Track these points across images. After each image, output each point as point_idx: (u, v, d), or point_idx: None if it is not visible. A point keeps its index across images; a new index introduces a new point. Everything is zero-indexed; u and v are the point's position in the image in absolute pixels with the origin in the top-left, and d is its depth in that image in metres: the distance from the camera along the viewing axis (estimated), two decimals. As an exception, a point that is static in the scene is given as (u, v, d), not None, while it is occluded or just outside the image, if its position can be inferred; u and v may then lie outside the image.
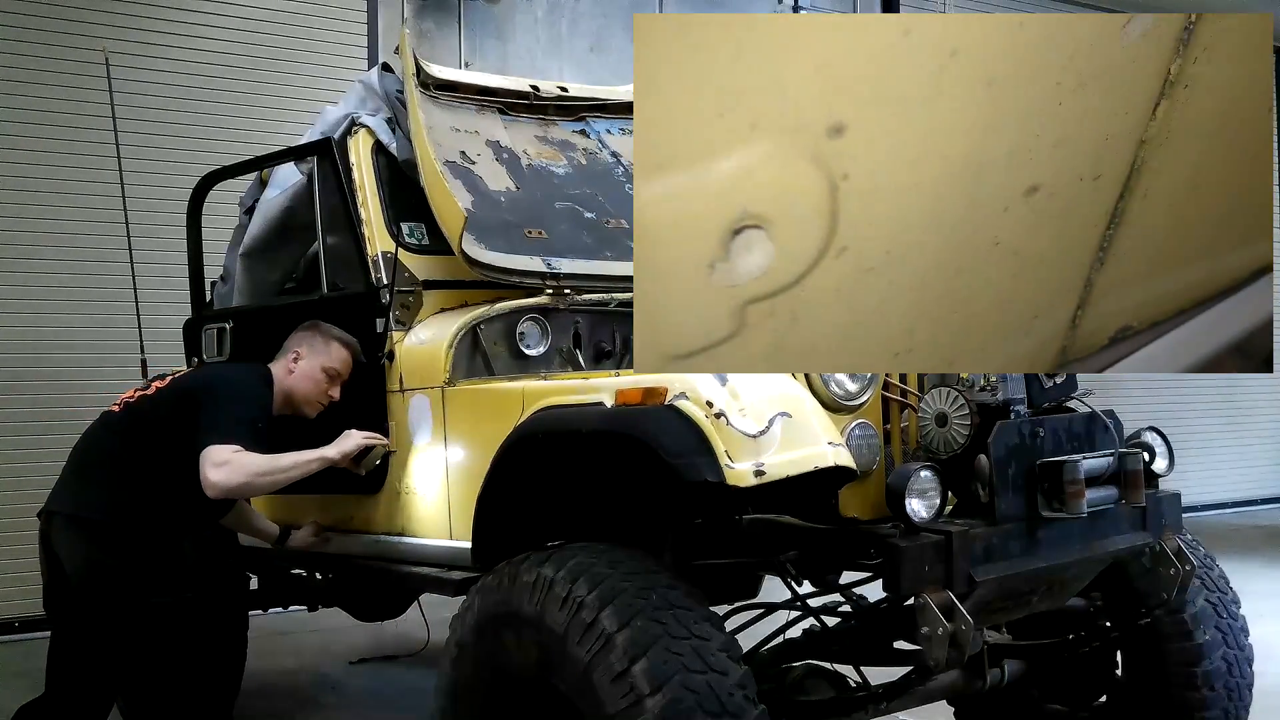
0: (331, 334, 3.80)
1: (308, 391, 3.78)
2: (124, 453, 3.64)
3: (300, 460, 3.57)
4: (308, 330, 3.83)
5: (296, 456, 3.57)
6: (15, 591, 6.83)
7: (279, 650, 6.16)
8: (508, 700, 2.82)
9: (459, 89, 4.29)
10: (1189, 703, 3.39)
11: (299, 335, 3.83)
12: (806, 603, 3.09)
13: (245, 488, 3.55)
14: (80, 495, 3.66)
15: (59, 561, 3.66)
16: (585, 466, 3.06)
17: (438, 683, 2.95)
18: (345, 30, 7.97)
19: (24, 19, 7.03)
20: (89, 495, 3.64)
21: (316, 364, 3.77)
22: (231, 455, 3.45)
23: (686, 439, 2.54)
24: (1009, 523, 2.77)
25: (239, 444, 3.48)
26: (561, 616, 2.54)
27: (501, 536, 3.10)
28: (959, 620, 2.55)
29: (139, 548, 3.57)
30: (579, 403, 2.90)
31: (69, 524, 3.63)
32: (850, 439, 2.70)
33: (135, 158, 6.11)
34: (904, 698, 3.13)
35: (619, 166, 4.43)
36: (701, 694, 2.36)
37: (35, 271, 7.01)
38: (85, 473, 3.71)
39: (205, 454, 3.45)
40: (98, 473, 3.67)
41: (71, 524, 3.63)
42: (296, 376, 3.77)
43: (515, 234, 3.89)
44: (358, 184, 3.90)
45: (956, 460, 2.83)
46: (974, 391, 2.90)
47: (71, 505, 3.65)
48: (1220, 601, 3.47)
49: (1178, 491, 3.26)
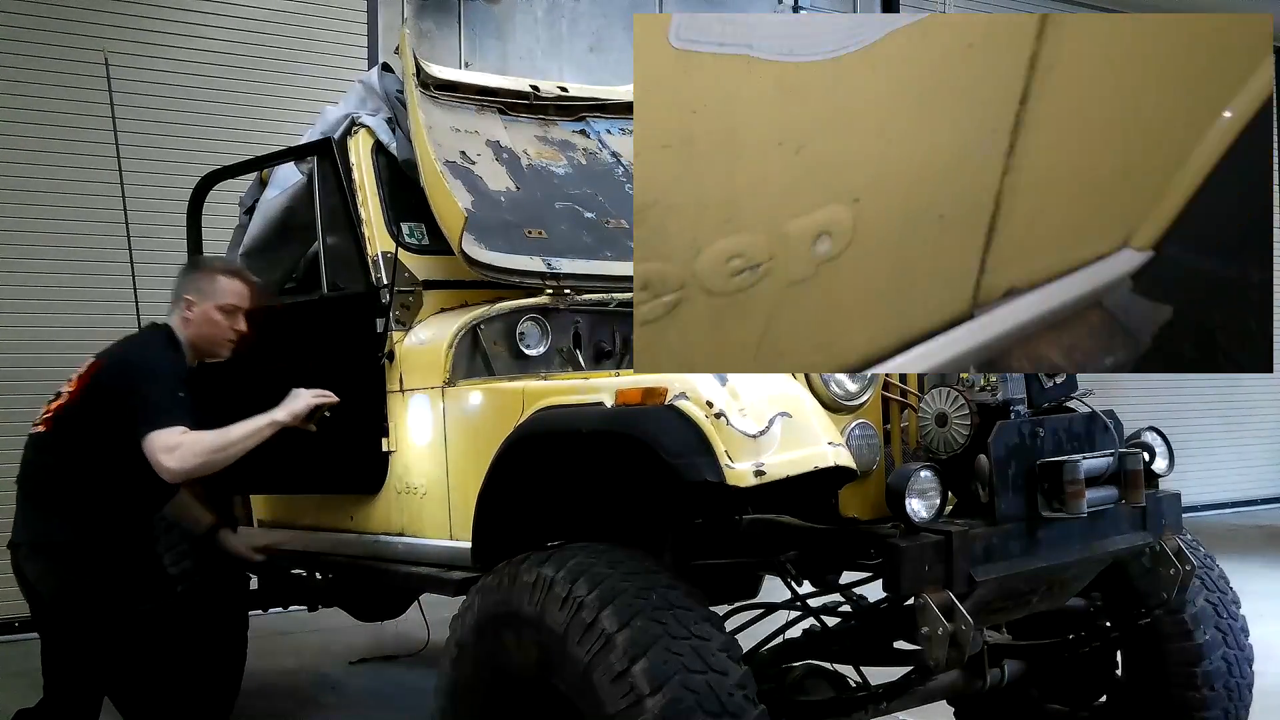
0: (214, 268, 3.80)
1: (212, 335, 3.75)
2: (65, 467, 3.56)
3: (252, 429, 3.53)
4: (191, 274, 3.82)
5: (247, 425, 3.53)
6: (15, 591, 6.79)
7: (279, 650, 6.16)
8: (508, 700, 2.82)
9: (459, 89, 4.29)
10: (1189, 703, 3.39)
11: (184, 281, 3.79)
12: (806, 603, 3.09)
13: (204, 466, 3.49)
14: (37, 523, 3.59)
15: (35, 590, 3.62)
16: (585, 466, 3.06)
17: (438, 683, 2.95)
18: (345, 30, 7.97)
19: (24, 19, 7.03)
20: (46, 520, 3.57)
21: (209, 306, 3.74)
22: (180, 438, 3.41)
23: (686, 439, 2.54)
24: (1009, 523, 2.77)
25: (178, 424, 3.43)
26: (561, 616, 2.54)
27: (501, 536, 3.10)
28: (959, 620, 2.55)
29: (109, 558, 3.52)
30: (579, 403, 2.90)
31: (34, 553, 3.58)
32: (850, 439, 2.70)
33: (135, 158, 6.10)
34: (904, 698, 3.13)
35: (619, 166, 4.43)
36: (701, 694, 2.36)
37: (35, 271, 7.02)
38: (35, 499, 3.62)
39: (150, 443, 3.39)
40: (46, 495, 3.60)
41: (37, 552, 3.58)
42: (195, 325, 3.74)
43: (515, 234, 3.89)
44: (358, 184, 3.90)
45: (956, 460, 2.83)
46: (974, 391, 2.90)
47: (31, 534, 3.58)
48: (1220, 602, 3.47)
49: (1178, 492, 3.26)
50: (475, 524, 3.15)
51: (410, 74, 4.07)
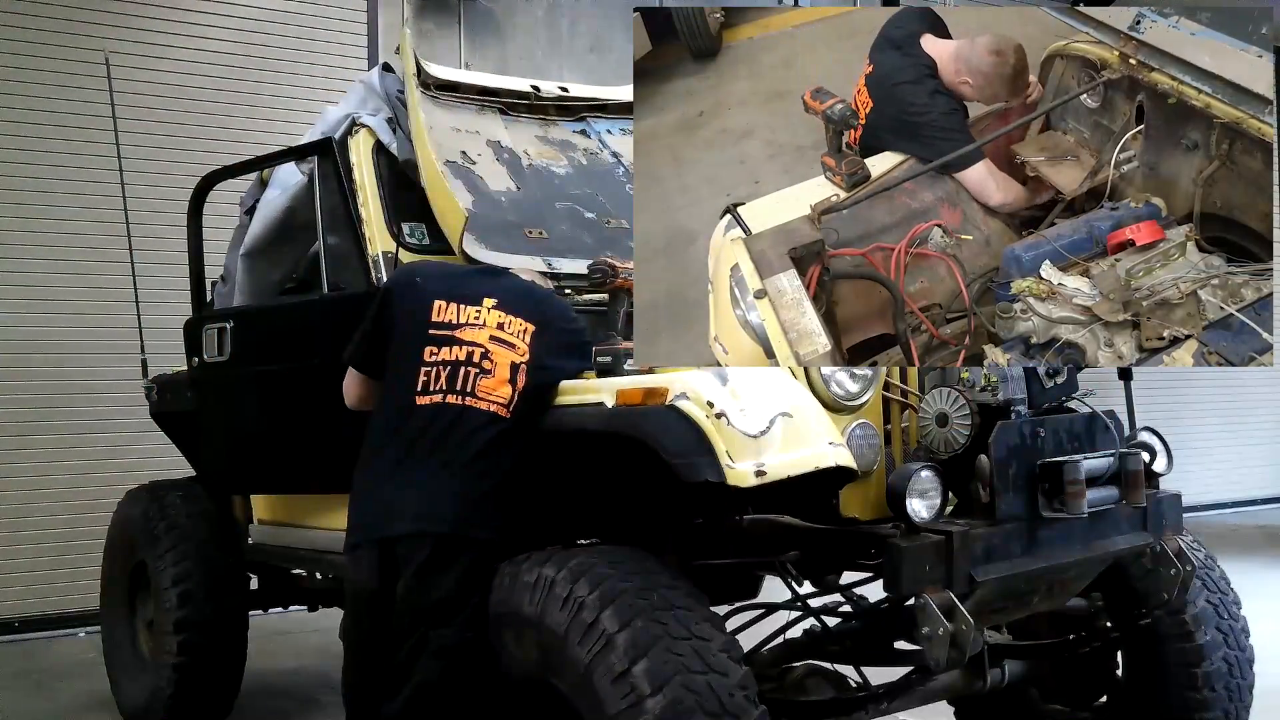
0: None
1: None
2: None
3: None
4: None
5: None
6: (15, 591, 6.84)
7: (279, 650, 6.17)
8: (508, 700, 2.82)
9: (460, 89, 4.29)
10: (1189, 703, 3.39)
11: None
12: (807, 603, 3.09)
13: None
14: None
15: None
16: (586, 466, 3.06)
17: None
18: (345, 30, 7.97)
19: (24, 19, 7.03)
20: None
21: None
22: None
23: (687, 439, 2.54)
24: (1009, 523, 2.77)
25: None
26: (562, 617, 2.54)
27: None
28: (959, 620, 2.55)
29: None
30: (580, 403, 2.90)
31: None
32: (851, 439, 2.70)
33: (135, 158, 6.12)
34: (904, 698, 3.13)
35: (619, 167, 4.43)
36: (702, 694, 2.36)
37: (35, 271, 7.02)
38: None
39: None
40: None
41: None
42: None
43: (516, 234, 3.89)
44: (358, 184, 3.90)
45: (957, 460, 2.83)
46: (974, 392, 2.90)
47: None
48: (1221, 602, 3.47)
49: (1178, 492, 3.26)
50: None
51: (411, 74, 4.07)
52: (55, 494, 6.92)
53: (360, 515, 3.07)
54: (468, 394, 2.98)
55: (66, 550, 6.77)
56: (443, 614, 2.87)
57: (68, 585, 6.76)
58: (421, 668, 2.86)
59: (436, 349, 3.04)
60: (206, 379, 4.54)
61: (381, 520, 2.99)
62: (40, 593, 6.86)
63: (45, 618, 6.85)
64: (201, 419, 4.68)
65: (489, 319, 3.07)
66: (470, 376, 3.00)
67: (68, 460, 6.97)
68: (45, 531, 6.85)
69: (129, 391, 6.00)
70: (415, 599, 2.89)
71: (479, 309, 3.09)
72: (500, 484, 2.97)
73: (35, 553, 6.83)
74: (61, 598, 6.82)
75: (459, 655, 2.86)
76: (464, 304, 3.10)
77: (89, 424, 7.03)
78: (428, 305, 3.10)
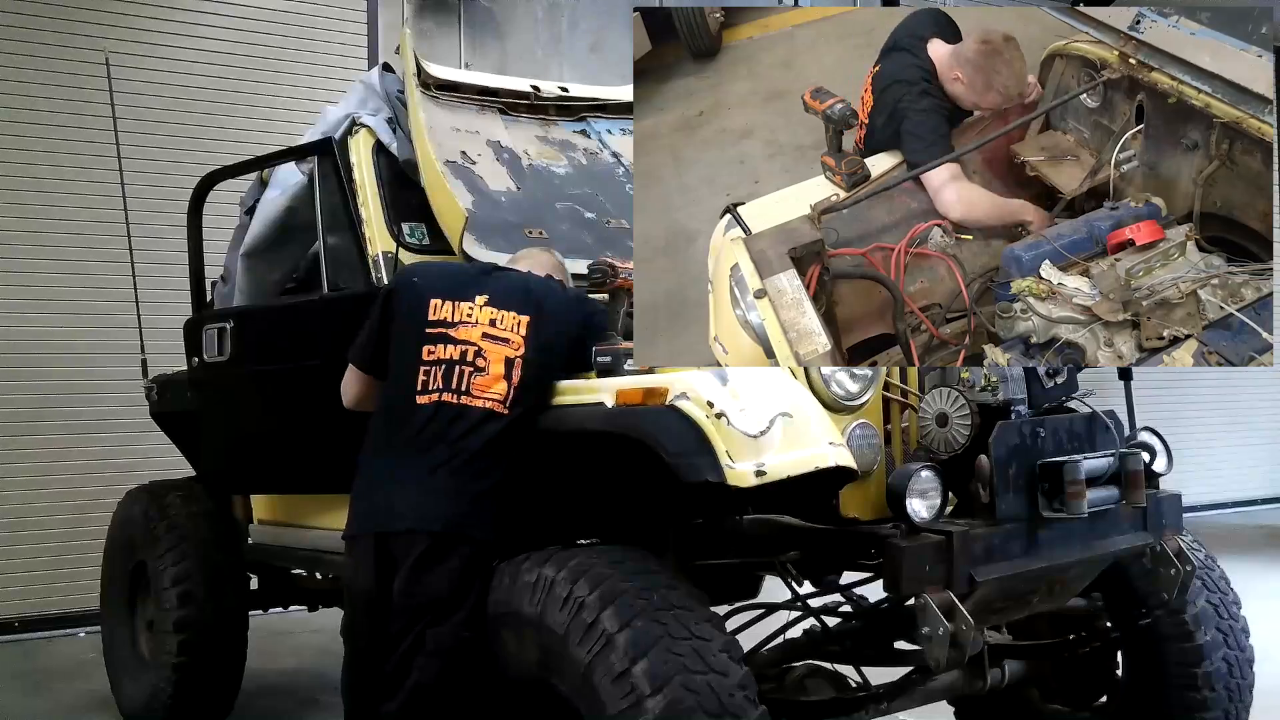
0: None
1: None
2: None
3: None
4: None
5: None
6: (15, 591, 6.84)
7: (279, 650, 6.16)
8: (507, 700, 2.82)
9: (460, 89, 4.29)
10: (1189, 703, 3.39)
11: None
12: (807, 603, 3.09)
13: None
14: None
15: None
16: (586, 466, 3.06)
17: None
18: (345, 30, 7.97)
19: (24, 19, 7.03)
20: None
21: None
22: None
23: (687, 439, 2.53)
24: (1009, 523, 2.77)
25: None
26: (562, 617, 2.54)
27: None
28: (959, 620, 2.55)
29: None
30: (580, 403, 2.90)
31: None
32: (851, 439, 2.70)
33: (135, 158, 6.11)
34: (904, 698, 3.13)
35: (619, 167, 4.43)
36: (702, 694, 2.36)
37: (35, 271, 7.01)
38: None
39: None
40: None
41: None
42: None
43: (516, 234, 3.88)
44: (358, 184, 3.90)
45: (957, 460, 2.83)
46: (974, 392, 2.90)
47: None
48: (1221, 602, 3.47)
49: (1178, 492, 3.26)
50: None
51: (411, 74, 4.07)
52: (55, 494, 6.91)
53: (360, 510, 3.09)
54: (463, 392, 3.00)
55: (66, 550, 6.77)
56: (438, 612, 2.88)
57: (68, 585, 6.76)
58: (419, 667, 2.87)
59: (434, 348, 3.06)
60: (206, 379, 4.54)
61: (380, 515, 3.01)
62: (40, 593, 6.85)
63: (45, 618, 6.84)
64: (201, 419, 4.68)
65: (480, 316, 3.09)
66: (465, 375, 3.01)
67: (68, 460, 6.97)
68: (45, 531, 6.85)
69: (129, 391, 6.00)
70: (410, 596, 2.91)
71: (472, 306, 3.10)
72: (498, 483, 2.98)
73: (35, 553, 6.83)
74: (61, 598, 6.82)
75: (457, 655, 2.87)
76: (458, 302, 3.11)
77: (89, 424, 7.03)
78: (425, 304, 3.12)
